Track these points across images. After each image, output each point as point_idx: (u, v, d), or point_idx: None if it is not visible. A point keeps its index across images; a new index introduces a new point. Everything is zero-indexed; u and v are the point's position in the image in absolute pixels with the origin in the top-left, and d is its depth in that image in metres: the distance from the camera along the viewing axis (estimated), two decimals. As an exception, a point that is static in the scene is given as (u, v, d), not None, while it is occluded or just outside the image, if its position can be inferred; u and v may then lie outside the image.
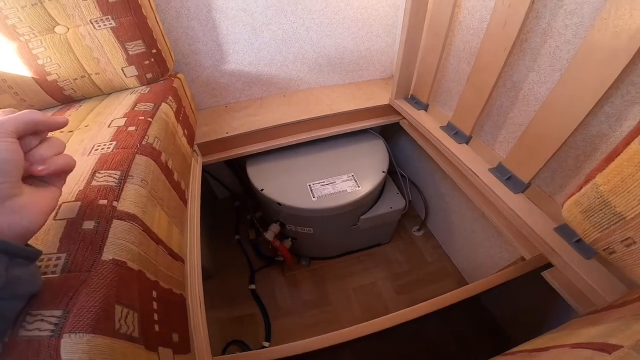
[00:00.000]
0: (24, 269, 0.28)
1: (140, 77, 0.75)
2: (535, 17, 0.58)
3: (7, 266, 0.26)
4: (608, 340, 0.26)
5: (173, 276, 0.48)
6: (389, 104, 1.04)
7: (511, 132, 0.71)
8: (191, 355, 0.47)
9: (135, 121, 0.56)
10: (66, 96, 0.72)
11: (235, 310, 1.09)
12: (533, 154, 0.60)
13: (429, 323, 0.60)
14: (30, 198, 0.30)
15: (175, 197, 0.58)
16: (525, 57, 0.63)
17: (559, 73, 0.58)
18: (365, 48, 1.13)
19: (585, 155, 0.57)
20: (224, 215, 1.43)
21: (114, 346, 0.28)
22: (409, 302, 1.09)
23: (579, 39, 0.53)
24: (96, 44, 0.68)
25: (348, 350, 0.94)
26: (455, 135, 0.81)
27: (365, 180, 0.97)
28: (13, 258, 0.27)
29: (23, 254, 0.28)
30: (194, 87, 1.04)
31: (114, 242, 0.35)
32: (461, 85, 0.83)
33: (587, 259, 0.53)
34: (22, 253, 0.28)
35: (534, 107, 0.64)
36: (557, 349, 0.32)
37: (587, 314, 0.47)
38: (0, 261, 0.25)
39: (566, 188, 0.62)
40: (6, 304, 0.27)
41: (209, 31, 0.94)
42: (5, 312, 0.27)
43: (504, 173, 0.68)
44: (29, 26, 0.63)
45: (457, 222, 1.09)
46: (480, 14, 0.71)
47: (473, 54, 0.76)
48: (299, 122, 0.99)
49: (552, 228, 0.58)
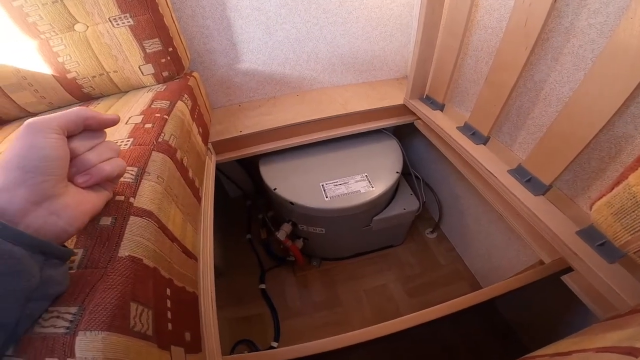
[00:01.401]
0: (57, 269, 0.27)
1: (156, 75, 0.75)
2: (557, 16, 0.57)
3: (42, 266, 0.26)
4: (635, 344, 0.25)
5: (186, 274, 0.48)
6: (403, 104, 1.03)
7: (531, 133, 0.69)
8: (202, 355, 0.47)
9: (152, 118, 0.56)
10: (85, 94, 0.73)
11: (244, 309, 1.09)
12: (555, 156, 0.58)
13: (441, 326, 0.59)
14: (73, 199, 0.30)
15: (190, 194, 0.58)
16: (547, 56, 0.61)
17: (582, 73, 0.56)
18: (379, 48, 1.12)
19: (610, 157, 0.55)
20: (235, 214, 1.43)
21: (128, 344, 0.28)
22: (421, 304, 1.08)
23: (604, 38, 0.51)
24: (114, 42, 0.69)
25: (358, 352, 0.93)
26: (473, 136, 0.79)
27: (378, 180, 0.96)
28: (49, 258, 0.26)
29: (58, 254, 0.28)
30: (208, 86, 1.04)
31: (131, 238, 0.35)
32: (479, 85, 0.81)
33: (610, 263, 0.51)
34: (57, 253, 0.27)
35: (556, 107, 0.62)
36: (581, 353, 0.31)
37: (609, 319, 0.46)
38: (36, 261, 0.25)
39: (589, 190, 0.60)
40: (36, 305, 0.26)
41: (224, 30, 0.94)
42: (34, 313, 0.26)
43: (523, 175, 0.66)
44: (49, 24, 0.64)
45: (472, 225, 1.07)
46: (499, 13, 0.70)
47: (491, 53, 0.74)
48: (312, 122, 0.99)
49: (574, 231, 0.56)
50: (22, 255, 0.24)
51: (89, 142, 0.33)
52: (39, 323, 0.26)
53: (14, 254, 0.23)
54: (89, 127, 0.33)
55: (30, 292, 0.25)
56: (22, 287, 0.24)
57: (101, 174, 0.33)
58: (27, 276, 0.24)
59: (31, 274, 0.24)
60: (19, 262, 0.24)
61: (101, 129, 0.35)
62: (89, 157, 0.32)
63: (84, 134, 0.33)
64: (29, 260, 0.24)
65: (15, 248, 0.24)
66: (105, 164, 0.33)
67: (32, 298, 0.25)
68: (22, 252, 0.24)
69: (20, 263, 0.24)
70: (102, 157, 0.33)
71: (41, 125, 0.28)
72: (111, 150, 0.35)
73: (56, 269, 0.27)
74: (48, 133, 0.28)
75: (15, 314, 0.24)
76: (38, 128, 0.28)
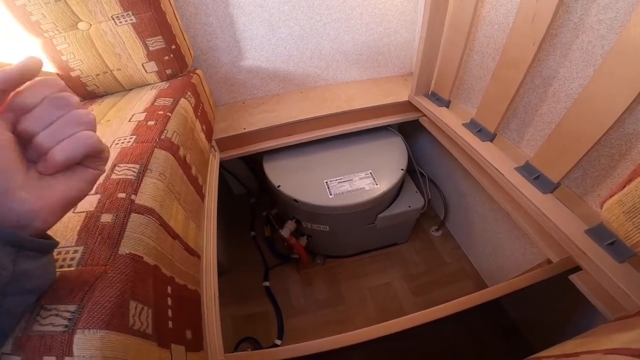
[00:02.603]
0: (34, 262, 0.26)
1: (160, 72, 0.75)
2: (565, 12, 0.56)
3: (15, 259, 0.24)
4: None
5: (188, 272, 0.48)
6: (408, 101, 1.02)
7: (539, 129, 0.68)
8: (204, 353, 0.47)
9: (155, 116, 0.56)
10: (89, 92, 0.74)
11: (248, 307, 1.09)
12: (564, 153, 0.57)
13: (446, 325, 0.58)
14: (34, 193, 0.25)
15: (193, 191, 0.58)
16: (556, 52, 0.60)
17: (592, 69, 0.55)
18: (383, 44, 1.11)
19: (620, 154, 0.54)
20: (239, 212, 1.43)
21: (127, 343, 0.28)
22: (426, 303, 1.07)
23: (614, 34, 0.50)
24: (118, 40, 0.69)
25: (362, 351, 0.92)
26: (479, 133, 0.78)
27: (383, 178, 0.95)
28: (21, 250, 0.25)
29: (32, 247, 0.26)
30: (212, 83, 1.04)
31: (131, 236, 0.35)
32: (485, 81, 0.80)
33: (619, 263, 0.50)
34: (30, 245, 0.25)
35: (565, 103, 0.61)
36: (589, 355, 0.30)
37: (617, 319, 0.45)
38: (7, 253, 0.23)
39: (598, 188, 0.59)
40: (13, 300, 0.25)
41: (227, 27, 0.93)
42: (12, 308, 0.25)
43: (531, 172, 0.65)
44: (52, 22, 0.64)
45: (478, 223, 1.06)
46: (505, 9, 0.68)
47: (498, 49, 0.73)
48: (316, 119, 0.98)
49: (583, 230, 0.55)
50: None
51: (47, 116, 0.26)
52: (37, 321, 0.26)
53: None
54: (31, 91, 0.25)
55: (2, 285, 0.23)
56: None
57: (58, 158, 0.26)
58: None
59: (2, 267, 0.23)
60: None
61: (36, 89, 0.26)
62: (40, 140, 0.25)
63: (43, 105, 0.26)
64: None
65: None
66: (57, 149, 0.26)
67: (6, 292, 0.24)
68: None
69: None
70: (56, 137, 0.26)
71: None
72: (74, 123, 0.26)
73: (33, 262, 0.26)
74: None
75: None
76: None
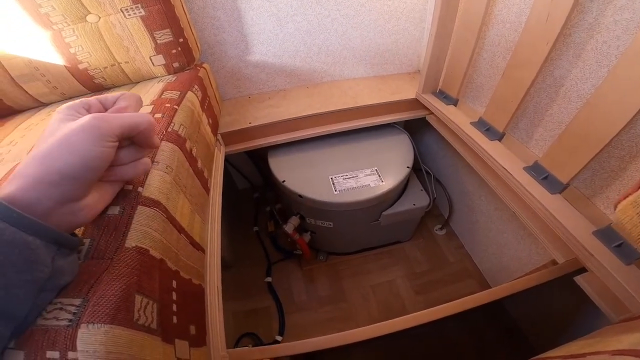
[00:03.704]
0: (66, 259, 0.27)
1: (167, 66, 0.75)
2: (580, 11, 0.55)
3: (54, 256, 0.25)
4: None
5: (193, 266, 0.48)
6: (415, 99, 1.01)
7: (549, 129, 0.67)
8: (206, 348, 0.47)
9: (162, 108, 0.56)
10: (96, 84, 0.74)
11: (250, 302, 1.10)
12: (574, 153, 0.56)
13: (448, 324, 0.58)
14: (93, 199, 0.30)
15: (199, 185, 0.58)
16: (569, 52, 0.59)
17: (605, 69, 0.54)
18: (391, 41, 1.10)
19: (631, 156, 0.53)
20: (243, 206, 1.44)
21: (131, 338, 0.28)
22: (428, 302, 1.07)
23: (630, 35, 0.49)
24: (126, 32, 0.69)
25: (363, 349, 0.93)
26: (487, 132, 0.77)
27: (388, 175, 0.95)
28: (61, 248, 0.26)
29: (69, 244, 0.27)
30: (218, 77, 1.04)
31: (138, 228, 0.35)
32: (495, 80, 0.79)
33: (626, 265, 0.50)
34: (68, 243, 0.27)
35: (576, 104, 0.60)
36: (596, 356, 0.30)
37: (623, 321, 0.44)
38: (50, 251, 0.25)
39: (607, 190, 0.58)
40: (46, 295, 0.26)
41: (234, 21, 0.93)
42: (42, 303, 0.26)
43: (540, 172, 0.64)
44: (62, 14, 0.64)
45: (483, 222, 1.05)
46: (518, 7, 0.67)
47: (509, 48, 0.72)
48: (322, 114, 0.98)
49: (591, 231, 0.55)
50: (37, 246, 0.24)
51: (133, 154, 0.34)
52: (41, 315, 0.26)
53: (30, 244, 0.23)
54: (136, 139, 0.33)
55: (43, 282, 0.24)
56: (36, 277, 0.24)
57: (124, 176, 0.34)
58: (40, 267, 0.24)
59: (45, 264, 0.24)
60: (34, 252, 0.23)
61: (142, 147, 0.35)
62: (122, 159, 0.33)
63: (134, 145, 0.34)
64: (43, 251, 0.24)
65: (30, 238, 0.23)
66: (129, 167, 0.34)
67: (44, 289, 0.25)
68: (38, 243, 0.24)
69: (35, 253, 0.23)
70: (130, 159, 0.34)
71: (106, 131, 0.28)
72: (138, 150, 0.35)
73: (66, 259, 0.27)
74: (107, 140, 0.28)
75: (28, 305, 0.24)
76: (102, 134, 0.28)
